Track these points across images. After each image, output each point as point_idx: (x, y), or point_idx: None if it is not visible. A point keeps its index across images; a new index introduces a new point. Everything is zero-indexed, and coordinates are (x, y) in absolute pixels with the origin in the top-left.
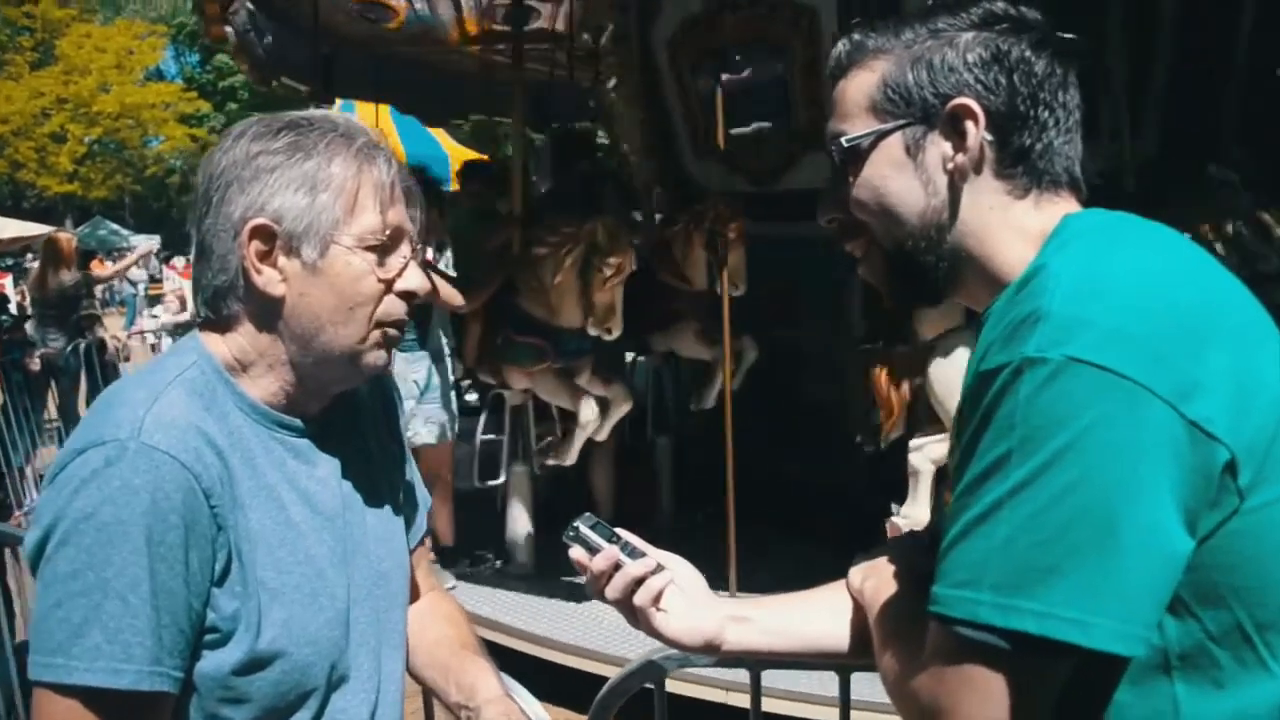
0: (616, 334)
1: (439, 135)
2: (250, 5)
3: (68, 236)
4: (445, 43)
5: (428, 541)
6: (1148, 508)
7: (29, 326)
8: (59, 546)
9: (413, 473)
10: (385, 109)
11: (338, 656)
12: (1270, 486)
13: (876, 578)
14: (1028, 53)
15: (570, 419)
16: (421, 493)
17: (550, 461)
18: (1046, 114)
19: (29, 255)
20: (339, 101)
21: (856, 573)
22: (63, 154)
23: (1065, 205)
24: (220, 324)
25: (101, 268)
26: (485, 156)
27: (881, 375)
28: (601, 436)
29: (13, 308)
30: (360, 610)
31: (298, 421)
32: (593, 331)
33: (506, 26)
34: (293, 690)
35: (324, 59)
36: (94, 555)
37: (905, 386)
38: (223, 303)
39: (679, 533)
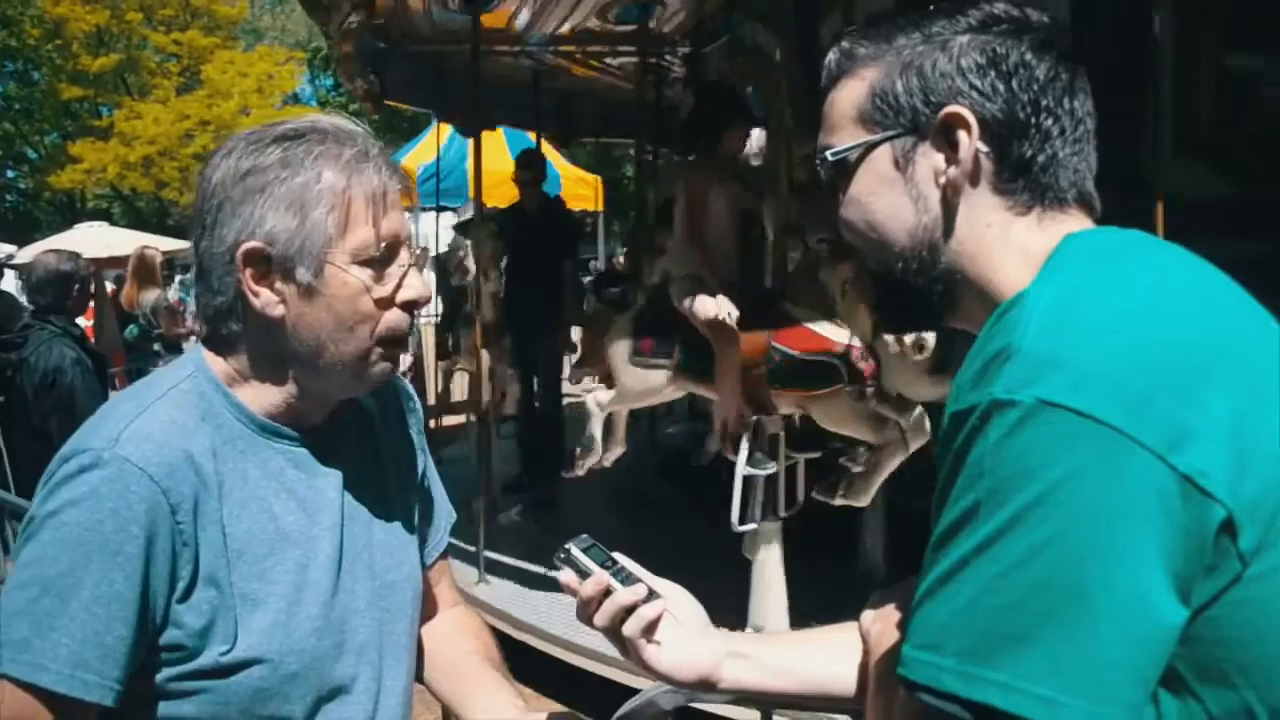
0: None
1: (551, 155)
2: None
3: (153, 253)
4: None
5: (449, 556)
6: (1128, 572)
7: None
8: (25, 541)
9: (435, 486)
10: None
11: (328, 666)
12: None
13: (884, 622)
14: (1028, 56)
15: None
16: (444, 506)
17: (838, 501)
18: (1050, 122)
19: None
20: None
21: (868, 614)
22: None
23: (1073, 224)
24: (221, 342)
25: None
26: (597, 177)
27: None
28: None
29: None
30: (361, 620)
31: (295, 433)
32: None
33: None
34: (276, 697)
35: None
36: (45, 552)
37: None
38: (223, 323)
39: None
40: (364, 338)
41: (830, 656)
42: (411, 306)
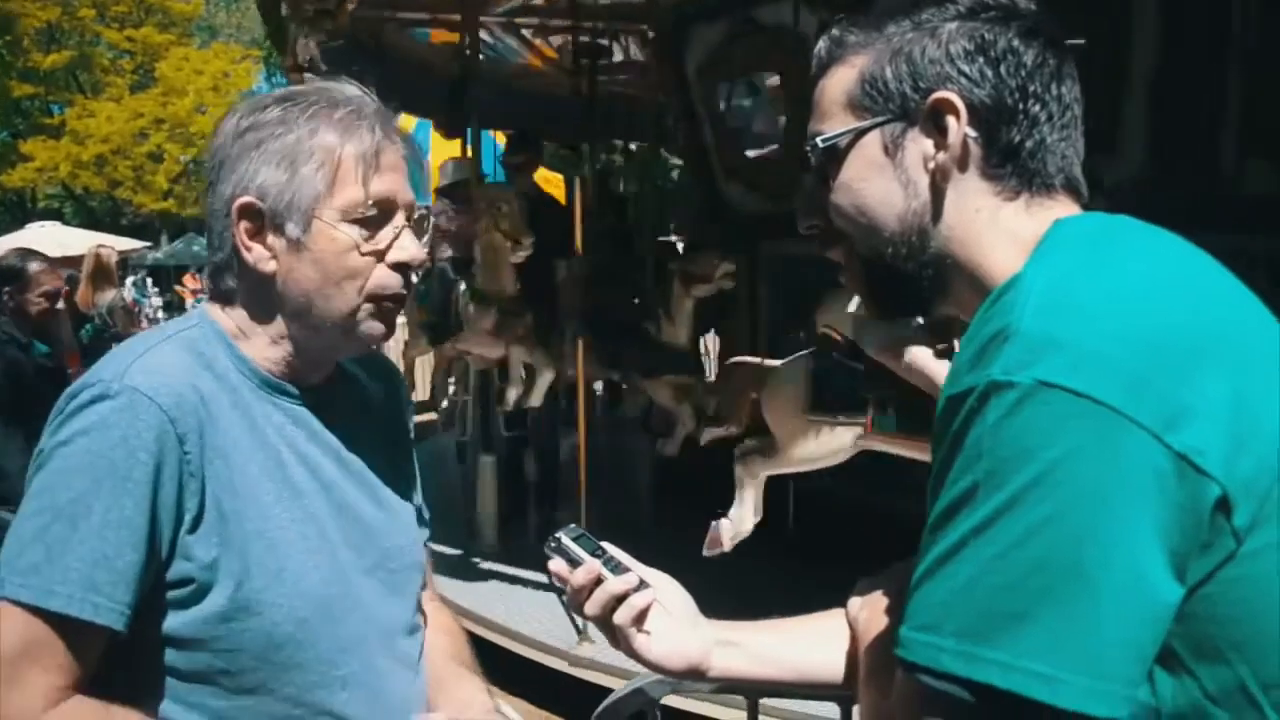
0: None
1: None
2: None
3: (109, 252)
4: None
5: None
6: (1125, 550)
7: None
8: (35, 471)
9: (419, 483)
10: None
11: (338, 616)
12: (1272, 528)
13: (871, 608)
14: (1015, 42)
15: None
16: (423, 508)
17: None
18: (1038, 108)
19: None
20: (414, 120)
21: (855, 601)
22: (159, 173)
23: (1061, 209)
24: (222, 297)
25: (194, 282)
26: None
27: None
28: None
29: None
30: (368, 579)
31: (296, 390)
32: None
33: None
34: (288, 644)
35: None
36: (54, 479)
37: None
38: (221, 278)
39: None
40: (351, 295)
41: (818, 643)
42: (403, 268)
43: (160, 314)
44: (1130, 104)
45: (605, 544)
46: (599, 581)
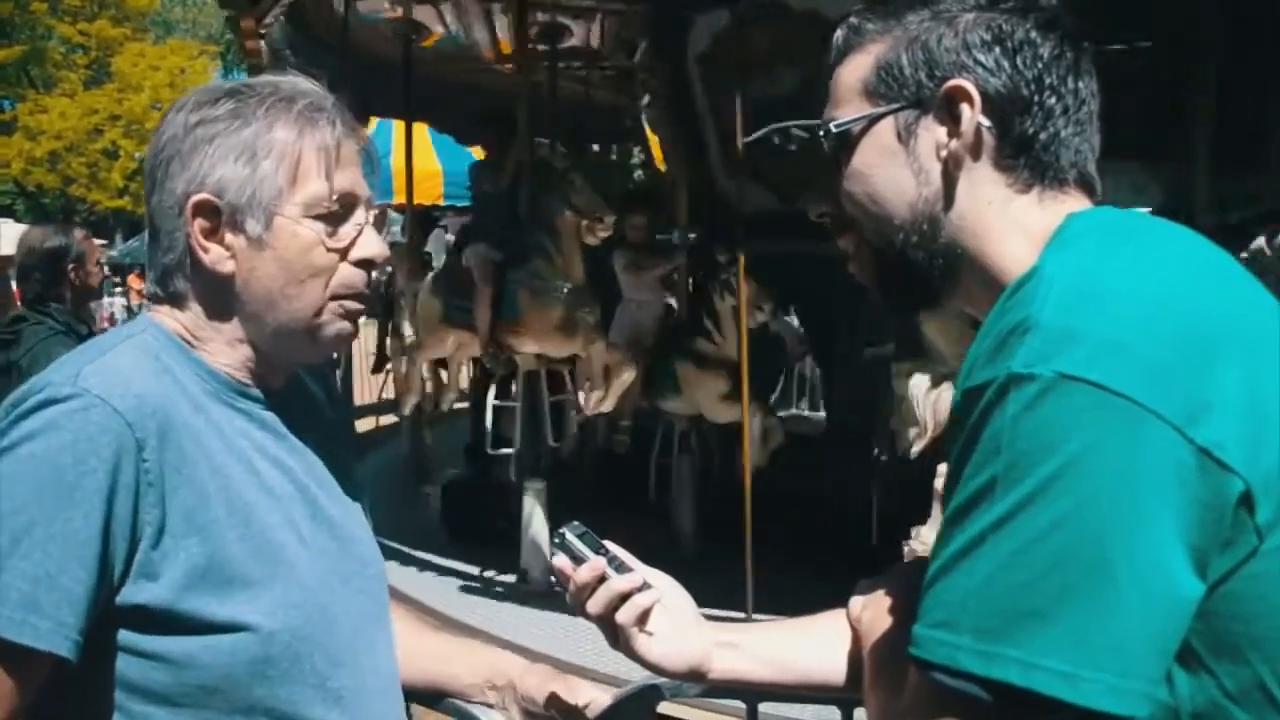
0: None
1: (478, 154)
2: (283, 20)
3: None
4: (476, 60)
5: None
6: (1148, 545)
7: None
8: None
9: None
10: (421, 125)
11: (328, 625)
12: None
13: (875, 608)
14: (1033, 34)
15: None
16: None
17: None
18: (1053, 100)
19: None
20: (374, 120)
21: (857, 601)
22: (114, 170)
23: (1072, 203)
24: (172, 301)
25: (139, 282)
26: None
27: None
28: None
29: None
30: (348, 589)
31: (259, 393)
32: None
33: (540, 45)
34: (284, 655)
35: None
36: None
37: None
38: (171, 280)
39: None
40: (316, 292)
41: (819, 645)
42: (368, 265)
43: (122, 314)
44: None
45: (608, 543)
46: (602, 579)
